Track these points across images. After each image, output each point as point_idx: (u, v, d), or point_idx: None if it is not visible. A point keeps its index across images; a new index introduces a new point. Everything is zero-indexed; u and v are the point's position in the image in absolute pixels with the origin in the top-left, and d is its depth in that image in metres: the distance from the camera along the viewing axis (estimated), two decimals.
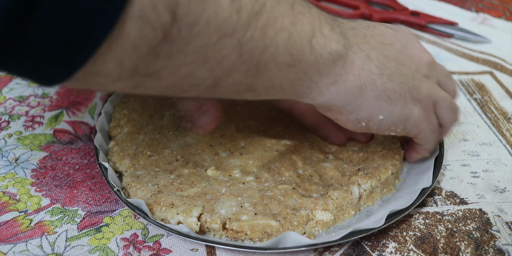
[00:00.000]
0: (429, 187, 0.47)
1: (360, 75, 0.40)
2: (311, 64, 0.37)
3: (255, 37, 0.33)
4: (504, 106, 0.61)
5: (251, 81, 0.36)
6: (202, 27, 0.30)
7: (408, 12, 0.78)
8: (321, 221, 0.44)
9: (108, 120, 0.54)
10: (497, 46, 0.73)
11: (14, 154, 0.51)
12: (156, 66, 0.30)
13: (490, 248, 0.44)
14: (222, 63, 0.33)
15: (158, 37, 0.28)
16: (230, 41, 0.32)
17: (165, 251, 0.43)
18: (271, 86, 0.37)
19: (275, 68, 0.35)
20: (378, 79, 0.40)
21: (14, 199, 0.47)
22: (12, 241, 0.43)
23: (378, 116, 0.42)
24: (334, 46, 0.38)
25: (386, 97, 0.41)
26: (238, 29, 0.32)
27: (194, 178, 0.47)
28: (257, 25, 0.33)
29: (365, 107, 0.41)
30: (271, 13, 0.33)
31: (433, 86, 0.44)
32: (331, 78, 0.39)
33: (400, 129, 0.44)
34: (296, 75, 0.37)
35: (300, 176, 0.49)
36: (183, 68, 0.32)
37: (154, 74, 0.31)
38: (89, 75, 0.29)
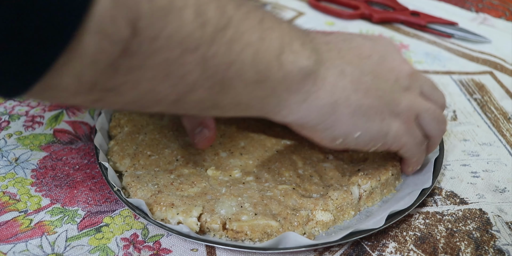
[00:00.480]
0: (429, 187, 0.47)
1: (333, 91, 0.38)
2: (280, 81, 0.36)
3: (220, 53, 0.31)
4: (504, 106, 0.61)
5: (216, 98, 0.34)
6: (164, 41, 0.29)
7: (408, 12, 0.78)
8: (321, 221, 0.44)
9: (108, 120, 0.54)
10: (497, 46, 0.73)
11: (14, 154, 0.51)
12: (116, 81, 0.30)
13: (490, 248, 0.44)
14: (185, 79, 0.31)
15: (118, 52, 0.27)
16: (194, 56, 0.30)
17: (165, 251, 0.43)
18: (237, 103, 0.36)
19: (241, 84, 0.34)
20: (353, 95, 0.39)
21: (14, 199, 0.47)
22: (12, 241, 0.43)
23: (354, 133, 0.40)
24: (304, 63, 0.36)
25: (361, 114, 0.39)
26: (202, 44, 0.30)
27: (194, 178, 0.47)
28: (223, 40, 0.31)
29: (340, 125, 0.39)
30: (238, 28, 0.32)
31: (414, 98, 0.42)
32: (302, 96, 0.37)
33: (380, 144, 0.42)
34: (263, 92, 0.36)
35: (300, 176, 0.49)
36: (144, 83, 0.30)
37: (114, 89, 0.30)
38: (47, 89, 0.28)
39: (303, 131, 0.41)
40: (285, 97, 0.37)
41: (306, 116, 0.39)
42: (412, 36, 0.75)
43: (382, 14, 0.77)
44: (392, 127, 0.41)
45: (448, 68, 0.68)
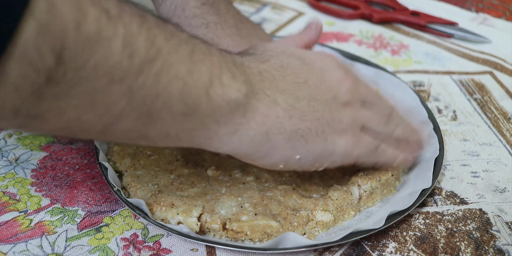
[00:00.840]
0: (429, 188, 0.47)
1: (264, 121, 0.38)
2: (208, 114, 0.35)
3: (147, 84, 0.31)
4: (504, 106, 0.61)
5: (144, 129, 0.34)
6: (90, 71, 0.28)
7: (408, 12, 0.78)
8: (321, 221, 0.44)
9: None
10: (497, 46, 0.73)
11: (14, 154, 0.51)
12: (40, 108, 0.29)
13: (490, 248, 0.44)
14: (111, 109, 0.31)
15: (41, 79, 0.27)
16: (120, 87, 0.30)
17: (165, 251, 0.43)
18: (166, 135, 0.36)
19: (169, 116, 0.34)
20: (286, 122, 0.39)
21: (14, 199, 0.47)
22: (12, 241, 0.43)
23: (294, 157, 0.40)
24: (234, 95, 0.36)
25: (299, 137, 0.40)
26: (128, 75, 0.30)
27: (194, 178, 0.47)
28: (150, 72, 0.31)
29: (277, 151, 0.40)
30: (167, 60, 0.32)
31: (355, 111, 0.43)
32: (232, 128, 0.37)
33: (327, 163, 0.42)
34: (192, 125, 0.36)
35: (300, 176, 0.49)
36: (69, 112, 0.30)
37: (38, 116, 0.30)
38: None
39: (242, 159, 0.41)
40: (215, 130, 0.37)
41: (239, 147, 0.39)
42: (412, 36, 0.75)
43: (382, 14, 0.78)
44: (339, 145, 0.42)
45: (448, 68, 0.68)
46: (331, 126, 0.41)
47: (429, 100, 0.62)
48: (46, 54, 0.26)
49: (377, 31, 0.76)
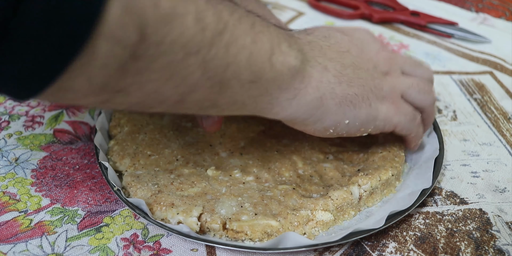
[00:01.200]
0: (429, 188, 0.47)
1: (319, 87, 0.41)
2: (272, 80, 0.38)
3: (218, 55, 0.34)
4: (504, 106, 0.61)
5: (215, 98, 0.37)
6: (168, 45, 0.31)
7: (408, 12, 0.78)
8: (321, 221, 0.44)
9: (108, 120, 0.54)
10: (497, 46, 0.73)
11: (14, 154, 0.51)
12: (124, 82, 0.31)
13: (490, 248, 0.44)
14: (187, 80, 0.34)
15: (127, 55, 0.29)
16: (195, 59, 0.33)
17: (165, 251, 0.43)
18: (234, 102, 0.38)
19: (238, 84, 0.37)
20: (337, 87, 0.42)
21: (14, 199, 0.47)
22: (12, 241, 0.43)
23: (344, 121, 0.43)
24: (293, 62, 0.39)
25: (348, 102, 0.42)
26: (202, 47, 0.33)
27: (194, 178, 0.47)
28: (221, 44, 0.34)
29: (329, 115, 0.42)
30: (234, 32, 0.35)
31: (395, 80, 0.46)
32: (291, 93, 0.40)
33: (371, 128, 0.45)
34: (257, 92, 0.38)
35: (300, 176, 0.49)
36: (150, 85, 0.33)
37: (122, 90, 0.32)
38: (60, 90, 0.30)
39: (295, 126, 0.44)
40: (277, 95, 0.39)
41: (296, 112, 0.41)
42: (412, 36, 0.75)
43: (382, 14, 0.78)
44: (381, 110, 0.45)
45: (448, 68, 0.68)
46: (373, 93, 0.44)
47: None
48: (131, 31, 0.29)
49: (377, 31, 0.76)
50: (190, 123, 0.53)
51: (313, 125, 0.43)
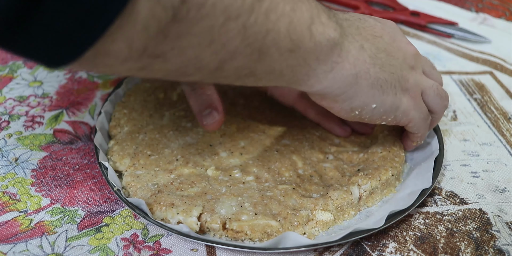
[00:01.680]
0: (429, 188, 0.47)
1: (356, 64, 0.40)
2: (310, 50, 0.38)
3: (258, 22, 0.33)
4: (504, 106, 0.61)
5: (253, 66, 0.36)
6: (209, 9, 0.30)
7: (408, 12, 0.78)
8: (321, 221, 0.44)
9: (108, 120, 0.54)
10: (497, 46, 0.73)
11: (14, 154, 0.51)
12: (164, 47, 0.31)
13: (490, 248, 0.44)
14: (226, 46, 0.33)
15: (168, 17, 0.29)
16: (235, 24, 0.32)
17: (165, 251, 0.43)
18: (271, 71, 0.38)
19: (277, 53, 0.36)
20: (372, 69, 0.41)
21: (14, 199, 0.47)
22: (12, 241, 0.43)
23: (371, 105, 0.43)
24: (332, 34, 0.39)
25: (378, 86, 0.42)
26: (242, 13, 0.32)
27: (194, 178, 0.47)
28: (260, 10, 0.33)
29: (359, 96, 0.42)
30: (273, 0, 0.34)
31: (419, 76, 0.46)
32: (329, 66, 0.40)
33: (391, 118, 0.45)
34: (295, 61, 0.38)
35: (300, 176, 0.49)
36: (189, 50, 0.32)
37: (161, 55, 0.32)
38: (99, 54, 0.29)
39: (323, 101, 0.44)
40: (314, 67, 0.39)
41: (331, 86, 0.41)
42: (412, 36, 0.75)
43: (382, 14, 0.77)
44: (403, 102, 0.44)
45: (448, 68, 0.68)
46: (400, 83, 0.44)
47: None
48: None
49: None
50: (190, 123, 0.53)
51: (342, 103, 0.43)
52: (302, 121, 0.55)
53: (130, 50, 0.30)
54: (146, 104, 0.56)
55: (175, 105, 0.56)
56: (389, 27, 0.45)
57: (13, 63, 0.64)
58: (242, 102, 0.57)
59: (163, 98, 0.57)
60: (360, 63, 0.41)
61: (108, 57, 0.30)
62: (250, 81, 0.39)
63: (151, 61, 0.32)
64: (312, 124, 0.55)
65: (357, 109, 0.43)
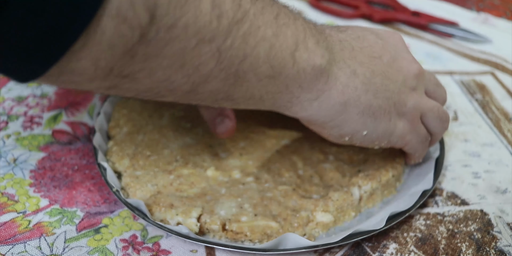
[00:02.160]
0: (430, 189, 0.47)
1: (344, 92, 0.39)
2: (293, 78, 0.36)
3: (235, 45, 0.32)
4: (506, 106, 0.61)
5: (230, 90, 0.35)
6: (181, 30, 0.29)
7: (409, 12, 0.78)
8: (322, 222, 0.44)
9: (107, 120, 0.53)
10: (498, 46, 0.73)
11: (12, 155, 0.51)
12: (132, 67, 0.30)
13: (491, 249, 0.44)
14: (199, 69, 0.32)
15: (135, 38, 0.28)
16: (209, 47, 0.31)
17: (164, 252, 0.43)
18: (250, 97, 0.36)
19: (255, 78, 0.35)
20: (363, 96, 0.40)
21: (13, 200, 0.46)
22: (10, 242, 0.43)
23: (362, 132, 0.41)
24: (318, 61, 0.37)
25: (370, 113, 0.40)
26: (217, 35, 0.31)
27: (194, 178, 0.47)
28: (238, 33, 0.32)
29: (349, 123, 0.40)
30: (254, 22, 0.33)
31: (419, 98, 0.44)
32: (314, 94, 0.38)
33: (384, 143, 0.44)
34: (276, 88, 0.36)
35: (300, 177, 0.48)
36: (159, 72, 0.31)
37: (129, 75, 0.30)
38: (64, 72, 0.28)
39: (311, 126, 0.42)
40: (297, 94, 0.38)
41: (317, 114, 0.39)
42: (413, 36, 0.75)
43: (382, 14, 0.77)
44: (398, 127, 0.43)
45: (449, 68, 0.68)
46: (395, 108, 0.42)
47: None
48: (140, 11, 0.27)
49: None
50: (190, 124, 0.53)
51: (330, 130, 0.41)
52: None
53: (96, 69, 0.29)
54: (146, 104, 0.55)
55: (174, 106, 0.56)
56: (391, 45, 0.43)
57: None
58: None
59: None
60: (350, 91, 0.39)
61: (74, 75, 0.29)
62: (228, 105, 0.38)
63: (119, 80, 0.31)
64: None
65: (347, 136, 0.42)
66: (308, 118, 0.40)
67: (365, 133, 0.41)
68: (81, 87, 0.32)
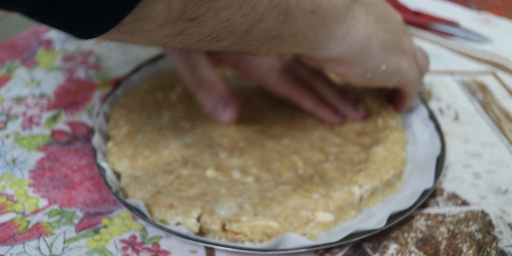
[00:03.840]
0: (431, 188, 0.47)
1: (367, 26, 0.44)
2: (329, 11, 0.41)
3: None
4: (507, 106, 0.61)
5: (280, 28, 0.39)
6: None
7: (409, 12, 0.77)
8: (322, 222, 0.44)
9: (106, 121, 0.53)
10: (499, 46, 0.72)
11: (11, 155, 0.51)
12: (200, 9, 0.32)
13: (492, 250, 0.44)
14: (256, 7, 0.35)
15: None
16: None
17: (164, 253, 0.43)
18: (296, 34, 0.40)
19: (300, 14, 0.39)
20: (380, 31, 0.45)
21: (12, 200, 0.46)
22: (9, 243, 0.43)
23: (382, 67, 0.46)
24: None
25: (386, 48, 0.46)
26: None
27: (193, 178, 0.47)
28: None
29: (372, 58, 0.45)
30: None
31: (410, 40, 0.50)
32: (346, 27, 0.42)
33: (396, 79, 0.48)
34: (317, 23, 0.41)
35: (301, 176, 0.48)
36: (222, 12, 0.33)
37: (197, 18, 0.33)
38: (139, 19, 0.30)
39: (339, 68, 0.46)
40: (333, 28, 0.42)
41: (349, 49, 0.44)
42: (414, 36, 0.75)
43: None
44: (404, 63, 0.48)
45: (449, 68, 0.68)
46: (398, 45, 0.47)
47: (430, 100, 0.61)
48: None
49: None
50: (189, 124, 0.53)
51: (357, 67, 0.45)
52: (302, 121, 0.55)
53: (169, 13, 0.31)
54: (145, 105, 0.55)
55: (174, 106, 0.55)
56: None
57: (10, 63, 0.64)
58: (242, 102, 0.57)
59: (162, 99, 0.56)
60: (370, 25, 0.44)
61: (147, 21, 0.31)
62: (277, 45, 0.41)
63: (187, 24, 0.33)
64: (312, 124, 0.54)
65: (370, 72, 0.46)
66: (341, 54, 0.44)
67: (384, 67, 0.46)
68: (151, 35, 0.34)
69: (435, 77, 0.66)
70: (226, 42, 0.38)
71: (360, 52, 0.44)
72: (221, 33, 0.36)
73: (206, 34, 0.35)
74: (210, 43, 0.37)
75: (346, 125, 0.55)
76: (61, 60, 0.66)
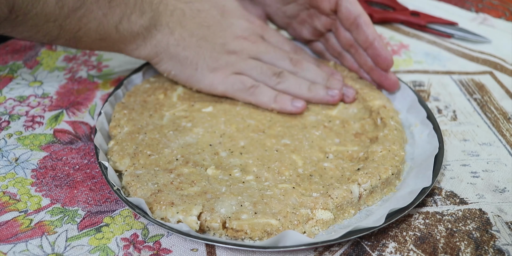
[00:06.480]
0: (429, 186, 0.47)
1: (156, 45, 0.55)
2: (117, 40, 0.53)
3: (72, 23, 0.48)
4: (504, 106, 0.61)
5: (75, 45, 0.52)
6: (33, 16, 0.46)
7: (408, 12, 0.78)
8: (321, 220, 0.44)
9: (108, 120, 0.54)
10: (497, 46, 0.73)
11: (14, 154, 0.51)
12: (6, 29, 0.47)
13: (490, 248, 0.44)
14: (49, 34, 0.49)
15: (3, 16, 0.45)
16: (53, 24, 0.48)
17: (165, 251, 0.43)
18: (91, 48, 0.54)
19: (89, 40, 0.51)
20: (173, 48, 0.55)
21: (14, 199, 0.47)
22: (12, 241, 0.43)
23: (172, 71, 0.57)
24: (135, 29, 0.53)
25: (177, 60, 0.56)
26: (59, 18, 0.47)
27: (194, 177, 0.47)
28: (75, 17, 0.48)
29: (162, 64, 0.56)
30: (88, 8, 0.49)
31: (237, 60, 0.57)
32: (134, 47, 0.55)
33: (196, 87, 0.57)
34: (106, 45, 0.53)
35: (300, 175, 0.49)
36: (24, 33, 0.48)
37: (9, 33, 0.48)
38: None
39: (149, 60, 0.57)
40: (123, 47, 0.55)
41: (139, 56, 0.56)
42: (412, 36, 0.75)
43: (382, 14, 0.78)
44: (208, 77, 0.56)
45: (448, 68, 0.68)
46: (206, 62, 0.56)
47: (429, 100, 0.62)
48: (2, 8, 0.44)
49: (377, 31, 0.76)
50: (190, 123, 0.54)
51: (155, 65, 0.57)
52: (302, 121, 0.55)
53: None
54: (146, 104, 0.56)
55: (175, 106, 0.56)
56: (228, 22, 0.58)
57: (13, 63, 0.65)
58: (242, 102, 0.57)
59: (163, 99, 0.57)
60: (162, 45, 0.55)
61: None
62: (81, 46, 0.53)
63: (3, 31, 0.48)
64: (312, 124, 0.55)
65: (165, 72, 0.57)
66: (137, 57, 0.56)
67: (173, 73, 0.57)
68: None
69: (434, 77, 0.66)
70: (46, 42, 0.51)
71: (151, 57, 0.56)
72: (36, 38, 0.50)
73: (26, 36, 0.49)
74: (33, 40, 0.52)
75: (345, 125, 0.55)
76: (63, 60, 0.66)
